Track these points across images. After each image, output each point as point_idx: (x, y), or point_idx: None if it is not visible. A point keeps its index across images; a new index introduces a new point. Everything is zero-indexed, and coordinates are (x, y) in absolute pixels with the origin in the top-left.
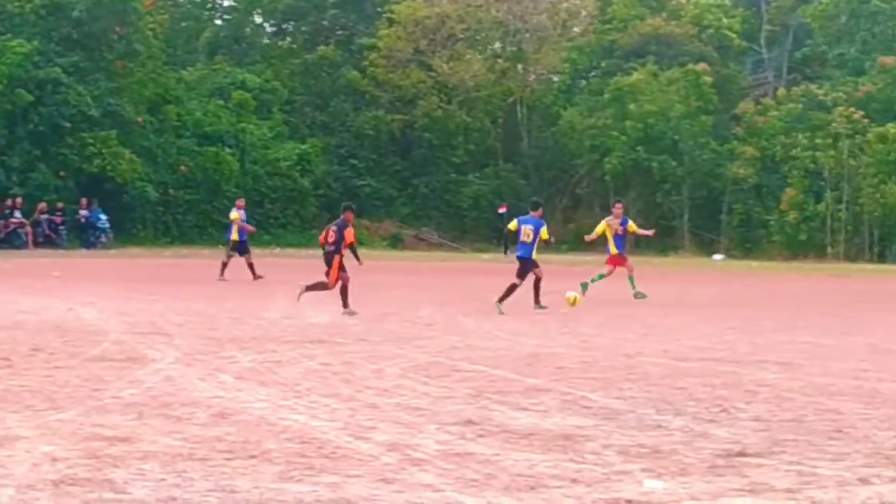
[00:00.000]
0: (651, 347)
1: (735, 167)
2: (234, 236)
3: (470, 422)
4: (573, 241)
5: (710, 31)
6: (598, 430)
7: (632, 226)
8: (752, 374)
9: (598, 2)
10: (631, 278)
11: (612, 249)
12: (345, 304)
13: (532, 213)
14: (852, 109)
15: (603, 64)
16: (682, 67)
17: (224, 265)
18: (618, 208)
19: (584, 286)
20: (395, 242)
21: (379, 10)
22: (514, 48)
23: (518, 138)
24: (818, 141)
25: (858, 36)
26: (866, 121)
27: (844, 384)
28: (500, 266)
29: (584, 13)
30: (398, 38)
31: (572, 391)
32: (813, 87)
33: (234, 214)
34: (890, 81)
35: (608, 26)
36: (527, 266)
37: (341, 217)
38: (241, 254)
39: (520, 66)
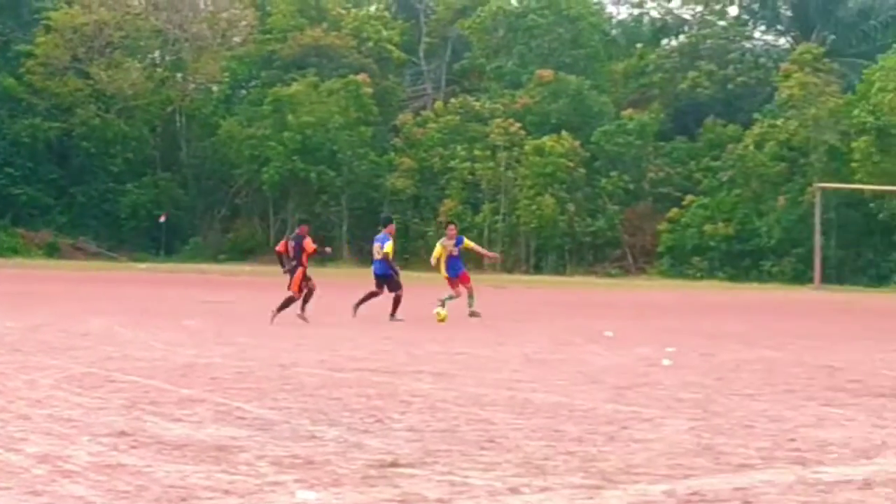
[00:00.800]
0: (307, 358)
1: (394, 178)
2: None
3: (123, 433)
4: (231, 249)
5: (370, 43)
6: (251, 440)
7: (467, 243)
8: (407, 385)
9: (257, 12)
10: (471, 297)
11: (443, 273)
12: (302, 308)
13: (383, 230)
14: (510, 121)
15: (263, 74)
16: (343, 79)
17: None
18: (451, 230)
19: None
20: (52, 252)
21: (36, 16)
22: (174, 57)
23: (177, 147)
24: (476, 152)
25: (516, 49)
26: (523, 133)
27: (497, 394)
28: (157, 276)
29: (243, 23)
30: (55, 46)
31: (227, 402)
32: (471, 99)
33: None
34: (547, 94)
35: (268, 36)
36: (389, 281)
37: (296, 231)
38: None
39: (179, 75)
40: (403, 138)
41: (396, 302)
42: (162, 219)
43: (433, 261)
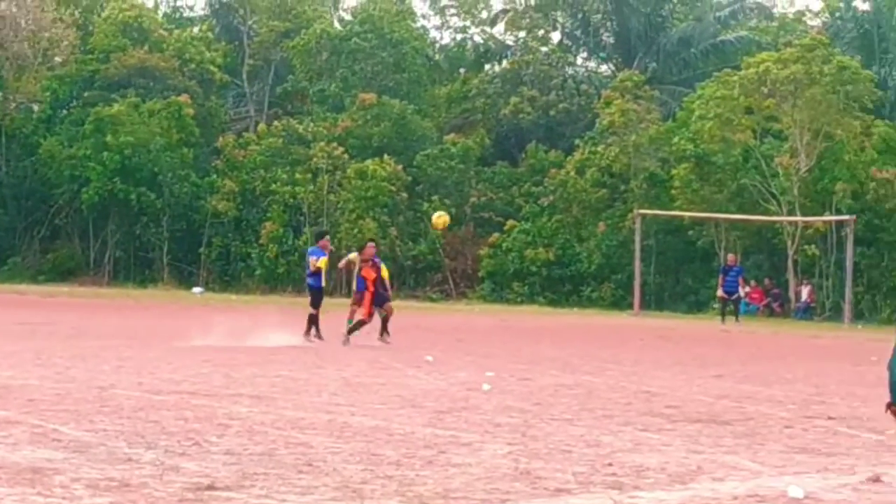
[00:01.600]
0: (126, 380)
1: (215, 200)
2: None
3: None
4: (50, 270)
5: (193, 64)
6: (67, 463)
7: (384, 271)
8: (226, 408)
9: (79, 32)
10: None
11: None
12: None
13: (317, 243)
14: (333, 145)
15: (85, 94)
16: (164, 99)
17: None
18: (370, 248)
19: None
20: None
21: None
22: None
23: None
24: (298, 176)
25: (339, 73)
26: (346, 156)
27: (316, 418)
28: None
29: (65, 43)
30: None
31: (43, 424)
32: (294, 122)
33: None
34: (370, 118)
35: (90, 56)
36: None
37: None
38: None
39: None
40: (225, 161)
41: (309, 321)
42: None
43: (343, 262)
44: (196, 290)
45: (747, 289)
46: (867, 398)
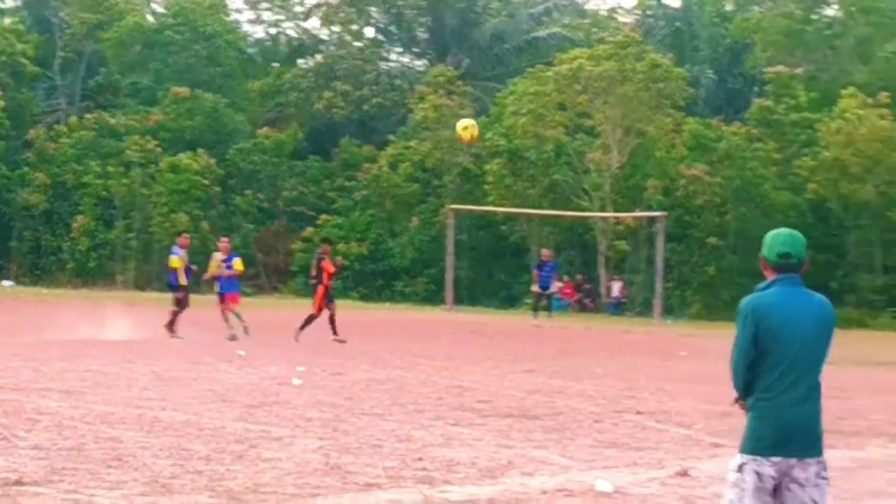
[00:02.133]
0: None
1: (26, 193)
2: None
3: None
4: None
5: (3, 56)
6: None
7: (237, 263)
8: (34, 403)
9: None
10: (237, 314)
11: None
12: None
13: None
14: (147, 138)
15: None
16: None
17: None
18: (223, 242)
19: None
20: None
21: None
22: None
23: None
24: (110, 169)
25: (152, 66)
26: (159, 150)
27: (126, 413)
28: None
29: None
30: None
31: None
32: (106, 114)
33: None
34: (183, 112)
35: None
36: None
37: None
38: None
39: None
40: (36, 153)
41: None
42: None
43: (207, 275)
44: (6, 283)
45: (559, 284)
46: (676, 393)
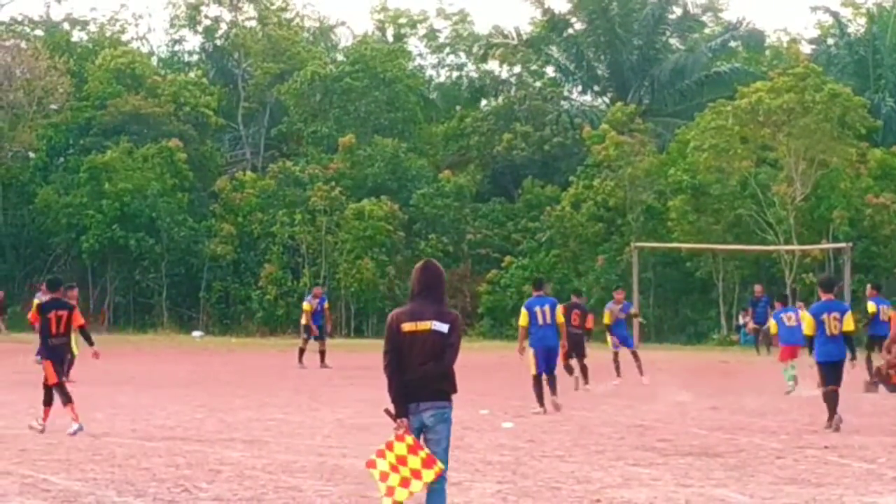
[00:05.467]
0: (119, 427)
1: (213, 244)
2: None
3: None
4: None
5: (188, 108)
6: None
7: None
8: (218, 453)
9: (73, 79)
10: None
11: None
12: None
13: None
14: (331, 185)
15: (81, 142)
16: (156, 144)
17: None
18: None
19: None
20: None
21: None
22: None
23: None
24: (296, 217)
25: (332, 113)
26: (343, 197)
27: (308, 461)
28: None
29: (60, 90)
30: None
31: (34, 474)
32: (289, 163)
33: None
34: (361, 159)
35: (85, 104)
36: None
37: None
38: None
39: None
40: (222, 204)
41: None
42: None
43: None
44: (196, 334)
45: (747, 319)
46: (861, 427)
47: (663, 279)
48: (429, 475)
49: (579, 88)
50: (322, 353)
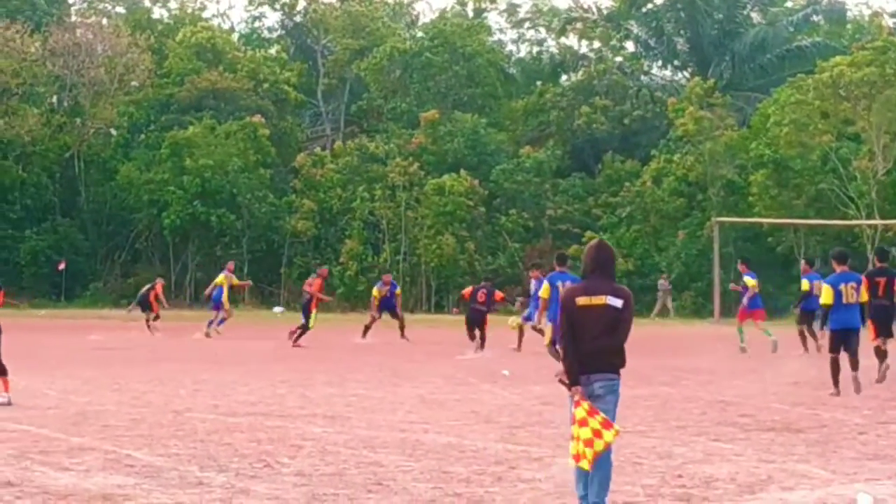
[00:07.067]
0: (201, 403)
1: (294, 220)
2: None
3: (9, 483)
4: (132, 294)
5: (267, 84)
6: (138, 489)
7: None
8: (299, 429)
9: (154, 56)
10: None
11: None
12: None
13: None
14: (409, 161)
15: (161, 118)
16: (240, 121)
17: None
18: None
19: None
20: None
21: None
22: (72, 102)
23: (76, 193)
24: (376, 193)
25: (412, 89)
26: (422, 173)
27: (389, 436)
28: (56, 322)
29: (141, 67)
30: None
31: (117, 450)
32: (367, 139)
33: None
34: (443, 133)
35: (166, 80)
36: None
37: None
38: None
39: (77, 121)
40: (302, 180)
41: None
42: (61, 266)
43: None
44: (277, 309)
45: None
46: None
47: (744, 254)
48: (609, 435)
49: (659, 63)
50: (402, 328)
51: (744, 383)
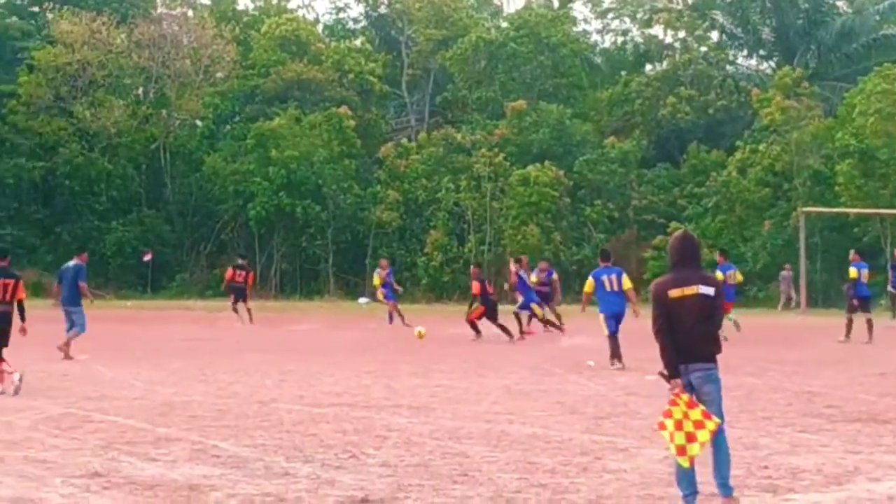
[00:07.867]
0: (287, 394)
1: (379, 211)
2: None
3: (96, 474)
4: (217, 285)
5: (352, 75)
6: (224, 479)
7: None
8: (384, 419)
9: (239, 48)
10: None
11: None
12: None
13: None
14: (494, 151)
15: (246, 109)
16: (325, 112)
17: None
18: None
19: None
20: (38, 290)
21: (18, 56)
22: (157, 94)
23: (162, 184)
24: (461, 184)
25: (497, 79)
26: (507, 164)
27: (474, 427)
28: (143, 313)
29: (226, 58)
30: (38, 85)
31: (203, 440)
32: (452, 130)
33: None
34: (528, 124)
35: (251, 71)
36: None
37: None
38: None
39: (163, 112)
40: (387, 171)
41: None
42: (147, 257)
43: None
44: (362, 300)
45: None
46: None
47: (830, 244)
48: (710, 425)
49: (744, 53)
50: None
51: (830, 374)
